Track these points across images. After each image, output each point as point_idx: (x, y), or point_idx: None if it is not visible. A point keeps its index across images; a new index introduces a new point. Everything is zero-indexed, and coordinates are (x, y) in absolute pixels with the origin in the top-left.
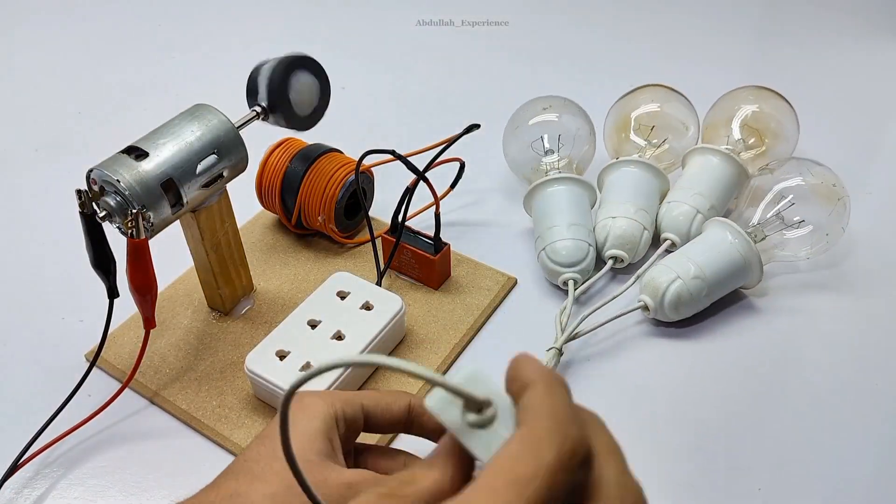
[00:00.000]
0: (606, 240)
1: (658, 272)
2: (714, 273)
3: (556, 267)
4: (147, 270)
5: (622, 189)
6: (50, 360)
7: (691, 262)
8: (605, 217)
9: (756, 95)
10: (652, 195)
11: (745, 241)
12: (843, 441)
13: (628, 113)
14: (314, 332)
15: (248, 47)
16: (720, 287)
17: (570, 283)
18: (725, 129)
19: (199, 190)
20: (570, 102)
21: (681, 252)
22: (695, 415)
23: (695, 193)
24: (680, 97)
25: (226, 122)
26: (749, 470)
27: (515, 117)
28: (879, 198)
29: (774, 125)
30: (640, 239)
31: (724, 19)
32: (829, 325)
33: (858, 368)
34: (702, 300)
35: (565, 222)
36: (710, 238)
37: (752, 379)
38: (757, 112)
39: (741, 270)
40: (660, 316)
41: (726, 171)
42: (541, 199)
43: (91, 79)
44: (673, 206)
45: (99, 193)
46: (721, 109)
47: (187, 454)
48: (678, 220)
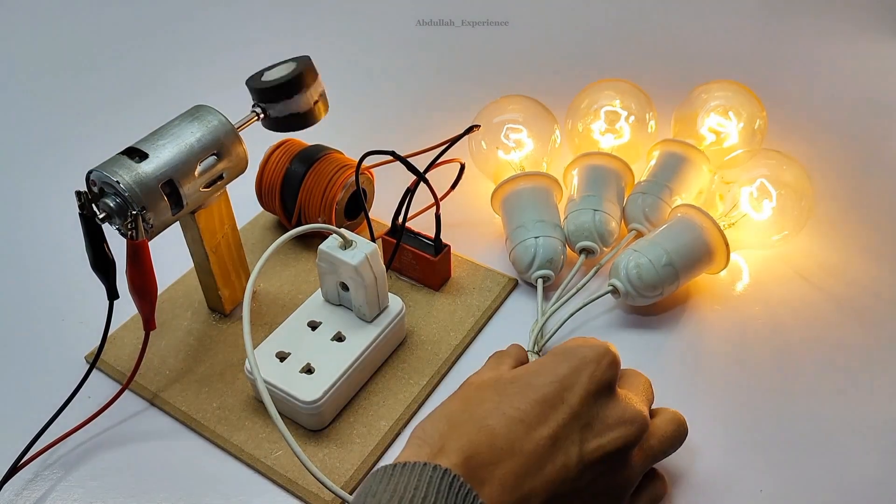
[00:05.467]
0: (576, 233)
1: (622, 255)
2: (679, 254)
3: (525, 266)
4: (147, 272)
5: (589, 182)
6: (50, 361)
7: (656, 245)
8: (573, 210)
9: (724, 89)
10: (619, 187)
11: (710, 225)
12: (844, 438)
13: (590, 106)
14: (314, 334)
15: (248, 47)
16: (686, 269)
17: (538, 281)
18: (692, 122)
19: (198, 191)
20: (531, 100)
21: (646, 238)
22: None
23: (661, 185)
24: (639, 91)
25: (226, 122)
26: (751, 469)
27: (478, 118)
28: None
29: (743, 119)
30: (608, 229)
31: (725, 19)
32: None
33: (845, 358)
34: (668, 279)
35: (531, 220)
36: (676, 223)
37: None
38: (724, 105)
39: (706, 252)
40: (629, 300)
41: (691, 162)
42: (506, 198)
43: (91, 79)
44: (638, 196)
45: (98, 195)
46: (690, 103)
47: (187, 456)
48: (645, 211)
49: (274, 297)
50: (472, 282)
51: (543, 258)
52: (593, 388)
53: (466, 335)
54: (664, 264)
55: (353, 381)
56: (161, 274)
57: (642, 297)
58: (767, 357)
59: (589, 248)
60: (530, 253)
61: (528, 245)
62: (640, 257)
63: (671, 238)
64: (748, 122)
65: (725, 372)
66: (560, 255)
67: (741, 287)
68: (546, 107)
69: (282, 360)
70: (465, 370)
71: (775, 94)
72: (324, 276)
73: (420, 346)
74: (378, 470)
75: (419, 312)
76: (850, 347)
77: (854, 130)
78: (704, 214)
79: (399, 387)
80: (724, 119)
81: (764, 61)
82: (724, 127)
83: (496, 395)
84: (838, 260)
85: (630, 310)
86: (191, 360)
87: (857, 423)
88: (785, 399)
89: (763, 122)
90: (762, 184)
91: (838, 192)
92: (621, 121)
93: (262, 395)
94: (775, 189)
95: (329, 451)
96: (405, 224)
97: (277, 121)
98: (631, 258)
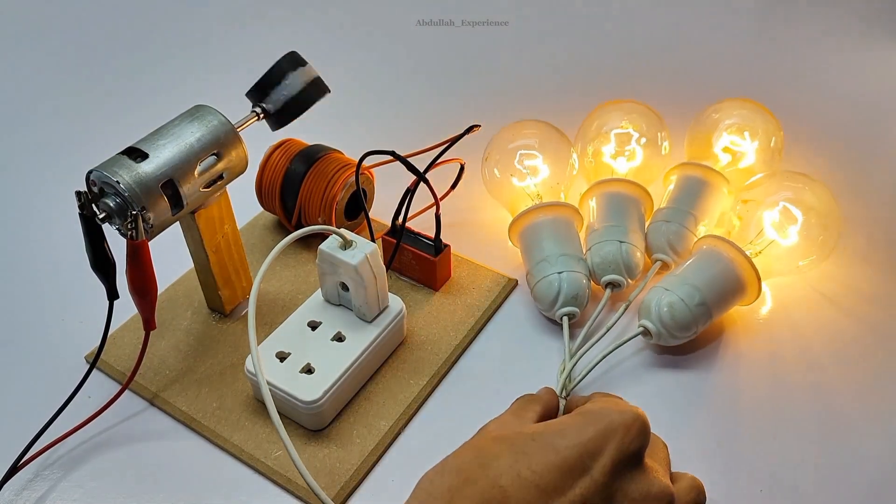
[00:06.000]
0: (601, 265)
1: (652, 293)
2: (711, 290)
3: (549, 304)
4: (147, 272)
5: (609, 211)
6: (50, 361)
7: (687, 283)
8: (597, 241)
9: (737, 107)
10: (639, 214)
11: (740, 257)
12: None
13: (599, 128)
14: (314, 334)
15: (248, 47)
16: (719, 305)
17: (564, 319)
18: (706, 142)
19: (198, 191)
20: (545, 124)
21: (674, 274)
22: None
23: (683, 212)
24: (649, 112)
25: (226, 122)
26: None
27: (491, 145)
28: (877, 198)
29: (758, 138)
30: (634, 261)
31: (724, 20)
32: (835, 336)
33: (866, 374)
34: (702, 318)
35: (554, 254)
36: (705, 257)
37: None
38: (738, 124)
39: (739, 286)
40: (662, 340)
41: (712, 186)
42: (525, 231)
43: (91, 79)
44: (661, 224)
45: (99, 195)
46: (702, 123)
47: (187, 456)
48: (670, 240)
49: (274, 297)
50: (472, 282)
51: (568, 294)
52: (620, 458)
53: (466, 335)
54: (697, 303)
55: (353, 381)
56: (161, 274)
57: (675, 338)
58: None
59: (616, 282)
60: (554, 289)
61: (551, 280)
62: (672, 296)
63: (701, 273)
64: (764, 141)
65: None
66: (585, 291)
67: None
68: (560, 130)
69: (282, 360)
70: (465, 370)
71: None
72: (324, 276)
73: (420, 346)
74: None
75: (419, 312)
76: (855, 354)
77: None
78: (732, 246)
79: (399, 387)
80: (740, 138)
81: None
82: (739, 146)
83: (513, 451)
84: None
85: (661, 350)
86: (191, 360)
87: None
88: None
89: (779, 140)
90: (785, 207)
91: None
92: (632, 143)
93: (264, 397)
94: (801, 212)
95: (329, 451)
96: (405, 224)
97: (278, 114)
98: (663, 297)
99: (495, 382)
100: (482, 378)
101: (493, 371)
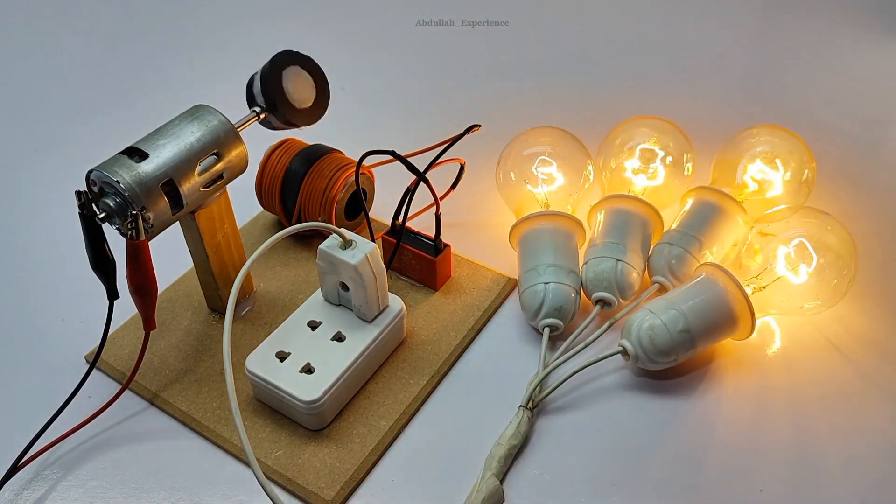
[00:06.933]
0: (594, 281)
1: (637, 314)
2: (697, 318)
3: (532, 313)
4: (147, 272)
5: (613, 228)
6: (50, 361)
7: (673, 308)
8: (594, 256)
9: (772, 134)
10: (644, 235)
11: (734, 288)
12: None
13: (624, 143)
14: (314, 334)
15: (248, 47)
16: (705, 336)
17: (545, 330)
18: (733, 168)
19: (198, 191)
20: (566, 133)
21: (664, 297)
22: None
23: (690, 236)
24: (677, 131)
25: (226, 122)
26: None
27: (509, 148)
28: None
29: (791, 168)
30: (629, 282)
31: (724, 20)
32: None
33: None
34: (683, 346)
35: (544, 264)
36: (698, 285)
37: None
38: (771, 152)
39: (729, 319)
40: (640, 363)
41: (726, 214)
42: (524, 237)
43: (91, 79)
44: (665, 247)
45: (99, 195)
46: (733, 147)
47: (187, 456)
48: (671, 264)
49: (274, 297)
50: (472, 282)
51: (551, 306)
52: None
53: (466, 335)
54: (680, 330)
55: (352, 380)
56: (161, 274)
57: (653, 363)
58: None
59: (606, 300)
60: (538, 299)
61: (537, 290)
62: (655, 319)
63: (690, 300)
64: (796, 173)
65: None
66: (571, 304)
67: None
68: (580, 141)
69: (282, 360)
70: (465, 370)
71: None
72: (324, 275)
73: (420, 346)
74: None
75: (419, 312)
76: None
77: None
78: (730, 277)
79: (399, 387)
80: (770, 168)
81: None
82: (767, 175)
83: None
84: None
85: (640, 372)
86: (191, 360)
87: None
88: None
89: (811, 174)
90: (802, 244)
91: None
92: (657, 161)
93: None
94: (816, 253)
95: (329, 451)
96: (405, 224)
97: (272, 109)
98: (645, 319)
99: (495, 382)
100: (482, 378)
101: (493, 371)
